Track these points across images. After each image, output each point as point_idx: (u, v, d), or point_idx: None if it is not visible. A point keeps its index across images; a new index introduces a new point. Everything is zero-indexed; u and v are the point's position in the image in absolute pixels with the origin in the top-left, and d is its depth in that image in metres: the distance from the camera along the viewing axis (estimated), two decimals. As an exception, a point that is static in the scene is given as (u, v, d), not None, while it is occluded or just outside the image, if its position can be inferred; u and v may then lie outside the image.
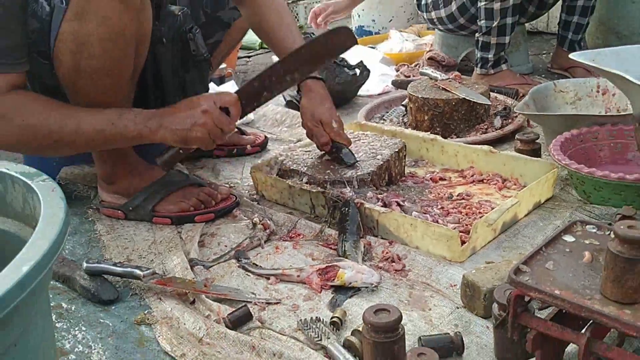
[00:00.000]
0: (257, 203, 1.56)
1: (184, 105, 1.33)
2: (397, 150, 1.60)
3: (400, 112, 2.09)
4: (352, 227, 1.33)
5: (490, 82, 2.23)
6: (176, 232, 1.44)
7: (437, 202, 1.48)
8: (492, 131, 1.88)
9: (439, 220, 1.38)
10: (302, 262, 1.29)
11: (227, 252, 1.35)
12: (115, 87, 1.33)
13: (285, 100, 2.33)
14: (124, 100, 1.39)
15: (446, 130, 1.89)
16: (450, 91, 1.90)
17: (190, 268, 1.27)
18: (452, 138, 1.84)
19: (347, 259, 1.24)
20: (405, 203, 1.45)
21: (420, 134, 1.77)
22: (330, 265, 1.21)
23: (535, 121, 1.88)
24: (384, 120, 2.07)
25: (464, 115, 1.88)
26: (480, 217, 1.34)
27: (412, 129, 1.87)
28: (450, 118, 1.88)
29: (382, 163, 1.55)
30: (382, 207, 1.39)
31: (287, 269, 1.24)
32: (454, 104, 1.87)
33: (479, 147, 1.66)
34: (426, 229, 1.29)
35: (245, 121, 2.19)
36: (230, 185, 1.68)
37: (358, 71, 2.30)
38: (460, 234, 1.27)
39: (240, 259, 1.30)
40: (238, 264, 1.29)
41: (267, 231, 1.40)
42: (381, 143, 1.64)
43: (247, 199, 1.57)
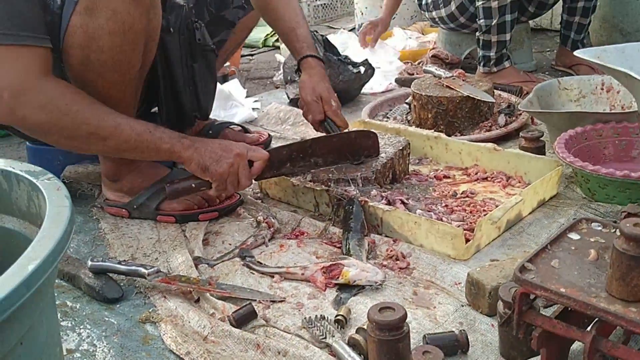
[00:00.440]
0: (261, 201, 1.57)
1: (219, 141, 1.39)
2: (401, 148, 1.60)
3: (404, 109, 2.09)
4: (356, 225, 1.33)
5: (494, 80, 2.22)
6: (180, 230, 1.44)
7: (441, 200, 1.48)
8: (496, 129, 1.88)
9: (443, 218, 1.38)
10: (306, 260, 1.29)
11: (231, 250, 1.36)
12: (123, 82, 1.33)
13: (288, 98, 2.33)
14: (131, 95, 1.39)
15: (450, 128, 1.88)
16: (454, 89, 1.90)
17: (194, 266, 1.27)
18: (456, 136, 1.84)
19: (352, 257, 1.24)
20: (410, 201, 1.44)
21: (424, 131, 1.77)
22: (334, 263, 1.21)
23: (539, 119, 1.88)
24: (388, 118, 2.07)
25: (467, 113, 1.88)
26: (485, 215, 1.34)
27: (416, 127, 1.87)
28: (454, 116, 1.88)
29: (386, 161, 1.54)
30: (386, 205, 1.39)
31: (291, 267, 1.24)
32: (457, 101, 1.87)
33: (483, 144, 1.65)
34: (430, 227, 1.29)
35: (249, 119, 2.20)
36: (234, 184, 1.68)
37: (362, 69, 2.29)
38: (464, 231, 1.27)
39: (244, 257, 1.31)
40: (242, 262, 1.29)
41: (271, 229, 1.40)
42: (385, 141, 1.64)
43: (251, 197, 1.58)
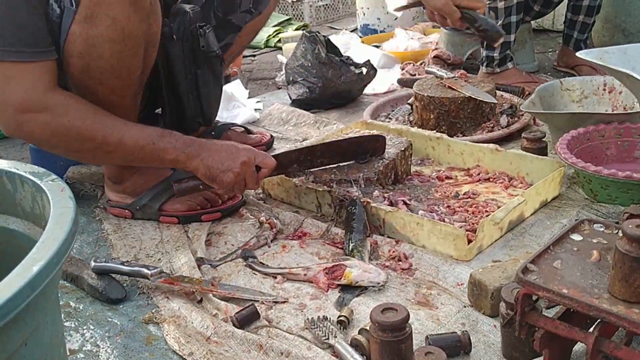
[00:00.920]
0: (263, 202, 1.57)
1: (226, 146, 1.37)
2: (403, 149, 1.60)
3: (406, 110, 2.08)
4: (358, 226, 1.33)
5: (496, 80, 2.22)
6: (183, 231, 1.45)
7: (444, 201, 1.48)
8: (498, 129, 1.88)
9: (445, 219, 1.38)
10: (309, 261, 1.29)
11: (234, 251, 1.36)
12: (124, 87, 1.34)
13: (290, 99, 2.33)
14: (132, 100, 1.39)
15: (452, 128, 1.88)
16: (456, 90, 1.90)
17: (197, 267, 1.27)
18: (458, 136, 1.84)
19: (354, 258, 1.24)
20: (412, 202, 1.45)
21: (426, 132, 1.77)
22: (337, 264, 1.21)
23: (541, 119, 1.88)
24: (390, 119, 2.07)
25: (470, 113, 1.88)
26: (487, 216, 1.34)
27: (418, 128, 1.87)
28: (456, 116, 1.88)
29: (388, 162, 1.55)
30: (388, 206, 1.39)
31: (293, 268, 1.24)
32: (459, 102, 1.87)
33: (485, 145, 1.65)
34: (433, 228, 1.29)
35: (251, 120, 2.20)
36: (237, 184, 1.68)
37: (364, 70, 2.29)
38: (466, 232, 1.27)
39: (247, 258, 1.31)
40: (245, 263, 1.30)
41: (274, 230, 1.41)
42: (387, 142, 1.64)
43: (253, 198, 1.58)
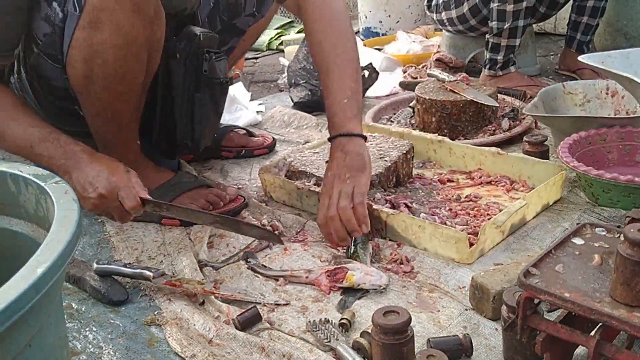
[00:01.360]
0: (265, 204, 1.57)
1: (95, 169, 1.24)
2: (404, 152, 1.60)
3: (408, 113, 2.09)
4: None
5: (498, 83, 2.23)
6: (185, 233, 1.45)
7: (445, 204, 1.49)
8: (500, 133, 1.88)
9: (447, 222, 1.38)
10: (311, 264, 1.29)
11: (235, 253, 1.36)
12: (127, 93, 1.34)
13: (292, 101, 2.33)
14: (135, 105, 1.40)
15: (454, 131, 1.89)
16: (458, 93, 1.90)
17: (199, 269, 1.28)
18: (460, 140, 1.84)
19: (356, 260, 1.24)
20: (413, 204, 1.45)
21: (428, 135, 1.77)
22: (339, 267, 1.21)
23: (544, 123, 1.88)
24: (392, 121, 2.07)
25: (471, 116, 1.88)
26: (489, 219, 1.35)
27: (419, 131, 1.87)
28: (458, 120, 1.89)
29: (389, 165, 1.55)
30: (390, 208, 1.39)
31: (295, 271, 1.25)
32: (461, 105, 1.87)
33: (487, 148, 1.66)
34: (434, 231, 1.29)
35: (253, 122, 2.20)
36: (239, 187, 1.68)
37: (367, 73, 2.30)
38: (468, 235, 1.27)
39: (249, 260, 1.31)
40: (247, 265, 1.30)
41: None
42: (389, 144, 1.64)
43: (255, 200, 1.58)
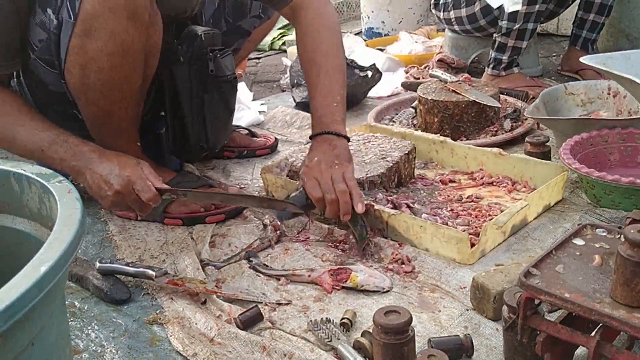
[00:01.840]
0: (267, 204, 1.57)
1: (109, 167, 1.25)
2: (406, 152, 1.60)
3: (410, 114, 2.09)
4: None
5: (500, 83, 2.23)
6: (187, 232, 1.45)
7: (447, 205, 1.49)
8: (502, 133, 1.88)
9: (448, 222, 1.38)
10: (312, 263, 1.30)
11: (237, 252, 1.36)
12: (125, 98, 1.35)
13: (295, 101, 2.34)
14: (133, 111, 1.40)
15: (456, 132, 1.89)
16: (460, 93, 1.90)
17: (201, 268, 1.28)
18: (462, 140, 1.85)
19: (361, 240, 1.29)
20: (415, 205, 1.45)
21: (430, 136, 1.77)
22: (342, 267, 1.22)
23: (545, 124, 1.88)
24: (394, 122, 2.08)
25: (473, 117, 1.89)
26: (490, 220, 1.35)
27: (421, 131, 1.88)
28: (460, 120, 1.89)
29: (391, 165, 1.55)
30: (391, 209, 1.40)
31: (297, 270, 1.25)
32: (463, 106, 1.87)
33: (489, 149, 1.66)
34: (436, 231, 1.29)
35: (256, 122, 2.21)
36: (241, 187, 1.69)
37: (369, 73, 2.30)
38: (469, 236, 1.27)
39: (250, 260, 1.31)
40: (249, 265, 1.30)
41: (277, 232, 1.41)
42: (391, 145, 1.65)
43: (257, 200, 1.58)
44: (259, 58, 3.36)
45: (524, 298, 0.87)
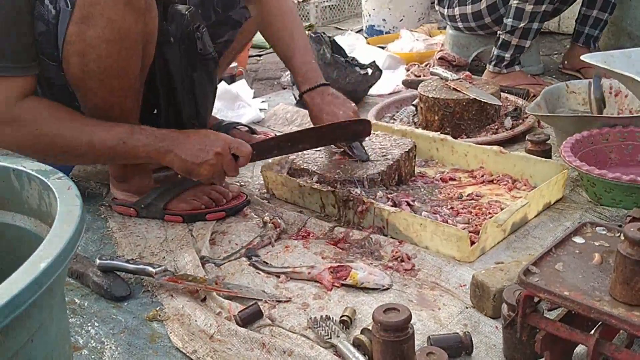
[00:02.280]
0: (267, 202, 1.57)
1: (199, 137, 1.35)
2: (407, 150, 1.60)
3: (411, 111, 2.09)
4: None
5: (501, 81, 2.22)
6: (187, 230, 1.45)
7: (447, 202, 1.49)
8: (503, 132, 1.88)
9: (448, 220, 1.38)
10: (312, 261, 1.30)
11: (237, 250, 1.37)
12: (124, 87, 1.34)
13: (295, 99, 2.34)
14: (133, 99, 1.40)
15: (456, 130, 1.89)
16: (461, 91, 1.90)
17: (201, 266, 1.28)
18: (463, 138, 1.85)
19: (360, 160, 1.50)
20: (415, 203, 1.45)
21: (431, 133, 1.77)
22: (341, 264, 1.22)
23: (546, 122, 1.88)
24: (394, 120, 2.08)
25: (474, 115, 1.88)
26: (490, 218, 1.35)
27: (422, 129, 1.88)
28: (460, 118, 1.89)
29: (392, 163, 1.55)
30: (392, 206, 1.40)
31: (297, 267, 1.25)
32: (464, 104, 1.87)
33: (489, 147, 1.66)
34: (436, 229, 1.29)
35: (256, 120, 2.21)
36: (241, 184, 1.69)
37: (370, 71, 2.30)
38: (469, 234, 1.28)
39: (250, 257, 1.32)
40: (249, 262, 1.30)
41: (278, 230, 1.41)
42: (391, 143, 1.65)
43: (257, 198, 1.59)
44: (260, 55, 3.35)
45: (524, 296, 0.87)
